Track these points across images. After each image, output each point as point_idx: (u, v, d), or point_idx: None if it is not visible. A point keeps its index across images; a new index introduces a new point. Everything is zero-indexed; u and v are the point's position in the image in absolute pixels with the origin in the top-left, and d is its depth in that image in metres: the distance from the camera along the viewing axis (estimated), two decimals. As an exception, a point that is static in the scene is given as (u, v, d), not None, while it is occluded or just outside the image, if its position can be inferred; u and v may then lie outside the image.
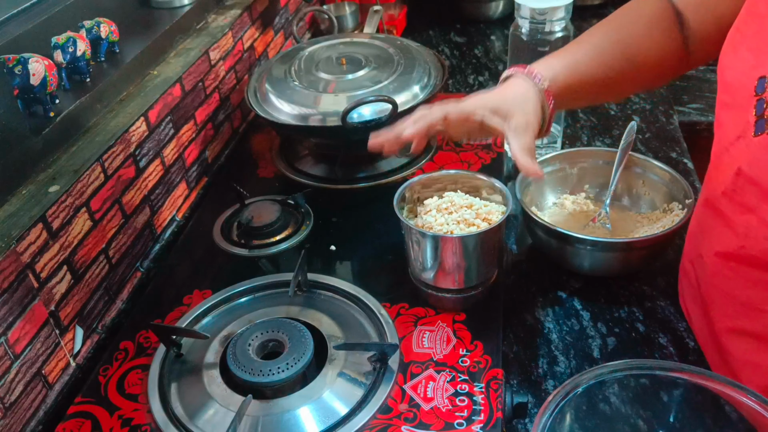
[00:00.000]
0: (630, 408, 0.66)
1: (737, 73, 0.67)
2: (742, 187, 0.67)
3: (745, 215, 0.67)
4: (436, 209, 0.81)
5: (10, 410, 0.69)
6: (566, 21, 1.07)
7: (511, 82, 0.79)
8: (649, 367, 0.65)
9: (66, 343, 0.78)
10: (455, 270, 0.78)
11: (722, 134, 0.70)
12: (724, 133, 0.70)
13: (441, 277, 0.79)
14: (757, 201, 0.65)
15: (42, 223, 0.73)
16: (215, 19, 1.20)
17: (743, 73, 0.66)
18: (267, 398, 0.70)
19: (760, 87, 0.63)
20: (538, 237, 0.93)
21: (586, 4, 1.78)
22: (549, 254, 0.94)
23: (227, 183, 1.03)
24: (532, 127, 0.75)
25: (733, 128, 0.67)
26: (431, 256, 0.78)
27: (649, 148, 1.21)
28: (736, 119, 0.66)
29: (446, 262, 0.78)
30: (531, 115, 0.75)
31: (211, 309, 0.83)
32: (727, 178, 0.69)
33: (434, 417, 0.69)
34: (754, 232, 0.66)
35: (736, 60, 0.68)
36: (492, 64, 1.56)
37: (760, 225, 0.65)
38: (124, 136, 0.88)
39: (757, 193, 0.64)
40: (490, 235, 0.77)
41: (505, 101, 0.76)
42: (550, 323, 0.87)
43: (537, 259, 0.97)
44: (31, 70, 0.79)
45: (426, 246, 0.77)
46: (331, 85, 0.99)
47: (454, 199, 0.82)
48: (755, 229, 0.66)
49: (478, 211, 0.80)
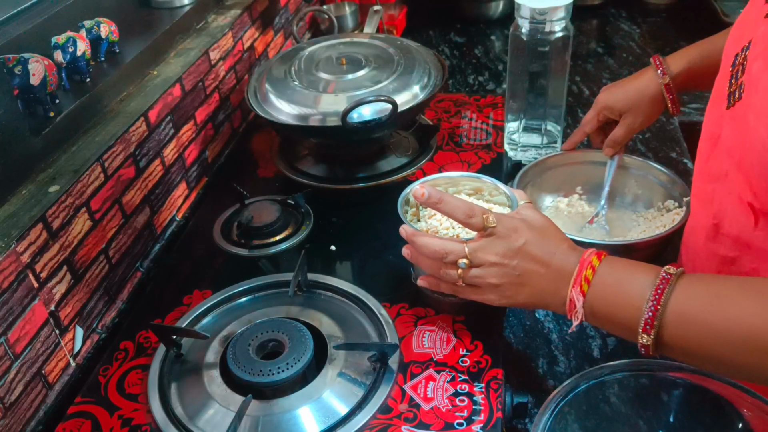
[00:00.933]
0: (630, 408, 0.67)
1: (727, 49, 0.70)
2: (716, 157, 0.69)
3: (714, 184, 0.69)
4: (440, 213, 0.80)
5: (10, 410, 0.69)
6: (566, 21, 1.07)
7: (640, 73, 0.98)
8: (649, 367, 0.65)
9: (66, 343, 0.78)
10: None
11: (712, 106, 0.73)
12: (714, 105, 0.72)
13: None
14: (726, 171, 0.67)
15: (42, 223, 0.73)
16: (215, 19, 1.20)
17: (729, 48, 0.69)
18: (267, 398, 0.70)
19: (734, 62, 0.66)
20: None
21: (586, 4, 1.78)
22: None
23: (227, 183, 1.03)
24: (635, 126, 0.98)
25: (717, 102, 0.70)
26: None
27: (648, 148, 1.21)
28: (719, 93, 0.69)
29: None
30: (640, 117, 0.97)
31: (211, 309, 0.83)
32: (706, 149, 0.72)
33: (434, 417, 0.69)
34: (722, 204, 0.68)
35: (730, 37, 0.71)
36: (492, 64, 1.56)
37: (728, 195, 0.67)
38: (124, 136, 0.88)
39: (730, 162, 0.66)
40: None
41: (619, 101, 0.98)
42: (550, 323, 0.87)
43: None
44: (31, 70, 0.79)
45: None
46: (331, 85, 0.99)
47: None
48: (723, 200, 0.68)
49: None
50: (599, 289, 0.63)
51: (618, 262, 0.65)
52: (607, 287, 0.63)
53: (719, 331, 0.57)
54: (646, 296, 0.60)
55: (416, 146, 1.09)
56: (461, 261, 0.68)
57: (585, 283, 0.64)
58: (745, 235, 0.66)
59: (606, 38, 1.66)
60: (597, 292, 0.63)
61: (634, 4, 1.81)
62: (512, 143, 1.20)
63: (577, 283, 0.64)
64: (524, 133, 1.19)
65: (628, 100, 0.97)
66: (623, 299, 0.62)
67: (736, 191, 0.65)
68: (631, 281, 0.62)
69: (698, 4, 1.70)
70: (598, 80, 1.46)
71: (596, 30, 1.71)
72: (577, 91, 1.42)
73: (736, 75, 0.65)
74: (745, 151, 0.62)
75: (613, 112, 0.99)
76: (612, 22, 1.74)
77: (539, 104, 1.15)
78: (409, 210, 0.83)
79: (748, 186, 0.62)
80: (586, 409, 0.65)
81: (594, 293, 0.63)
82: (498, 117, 1.20)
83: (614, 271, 0.64)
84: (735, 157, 0.65)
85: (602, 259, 0.65)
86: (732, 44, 0.69)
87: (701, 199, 0.74)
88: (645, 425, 0.67)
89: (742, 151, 0.63)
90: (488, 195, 0.84)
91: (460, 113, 1.22)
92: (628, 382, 0.65)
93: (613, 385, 0.65)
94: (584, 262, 0.65)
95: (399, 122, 1.02)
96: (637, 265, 0.64)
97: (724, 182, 0.68)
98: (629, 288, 0.62)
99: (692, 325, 0.59)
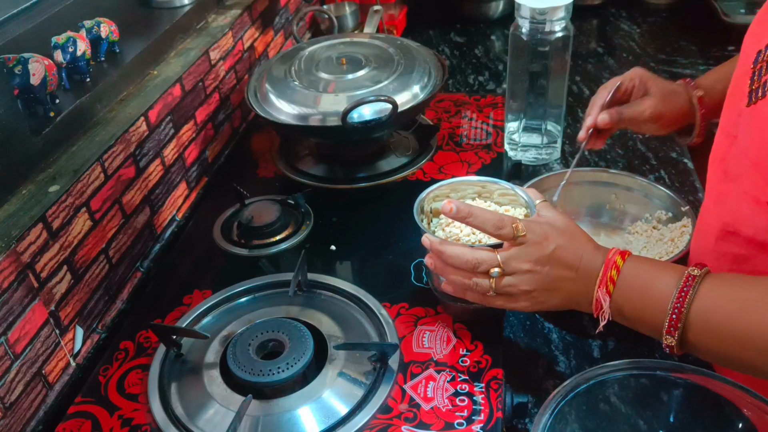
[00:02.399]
0: (630, 408, 0.66)
1: (746, 45, 0.69)
2: (733, 156, 0.68)
3: (729, 183, 0.68)
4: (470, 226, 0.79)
5: (10, 410, 0.69)
6: (566, 21, 1.07)
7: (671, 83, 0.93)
8: (649, 367, 0.65)
9: (66, 343, 0.78)
10: None
11: (730, 104, 0.72)
12: (733, 102, 0.71)
13: None
14: (742, 170, 0.66)
15: (42, 223, 0.73)
16: (215, 19, 1.20)
17: (749, 45, 0.68)
18: (267, 398, 0.70)
19: (757, 59, 0.65)
20: None
21: (586, 4, 1.78)
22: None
23: (227, 183, 1.03)
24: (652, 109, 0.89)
25: (737, 98, 0.68)
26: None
27: (648, 147, 1.21)
28: (737, 90, 0.68)
29: None
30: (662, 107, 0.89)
31: (211, 309, 0.83)
32: (722, 148, 0.71)
33: (434, 417, 0.69)
34: (737, 204, 0.67)
35: (749, 33, 0.70)
36: (492, 64, 1.56)
37: (743, 194, 0.66)
38: (124, 136, 0.88)
39: (746, 163, 0.65)
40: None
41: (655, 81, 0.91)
42: (550, 323, 0.87)
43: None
44: (31, 70, 0.79)
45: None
46: (331, 85, 0.99)
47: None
48: (738, 200, 0.67)
49: None
50: (625, 290, 0.64)
51: (642, 261, 0.65)
52: (632, 288, 0.64)
53: (744, 337, 0.58)
54: (670, 297, 0.60)
55: (416, 146, 1.09)
56: (494, 270, 0.67)
57: (610, 284, 0.64)
58: (761, 236, 0.65)
59: (606, 38, 1.66)
60: (622, 293, 0.64)
61: (634, 4, 1.81)
62: (512, 143, 1.20)
63: (602, 283, 0.65)
64: (524, 133, 1.19)
65: (663, 86, 0.91)
66: (648, 300, 0.62)
67: (752, 191, 0.64)
68: (656, 282, 0.62)
69: (698, 4, 1.69)
70: (598, 80, 1.46)
71: (596, 30, 1.71)
72: (577, 91, 1.42)
73: (759, 72, 0.64)
74: (765, 150, 0.61)
75: (644, 85, 0.91)
76: (612, 22, 1.74)
77: (539, 104, 1.15)
78: (423, 219, 0.80)
79: (767, 186, 0.62)
80: (586, 409, 0.65)
81: (619, 293, 0.64)
82: (498, 117, 1.20)
83: (639, 272, 0.64)
84: (752, 157, 0.64)
85: (626, 258, 0.65)
86: (753, 40, 0.68)
87: (715, 198, 0.73)
88: (645, 425, 0.67)
89: (761, 149, 0.62)
90: (497, 196, 0.82)
91: (460, 113, 1.22)
92: (628, 382, 0.65)
93: (613, 385, 0.65)
94: (609, 262, 0.65)
95: (399, 122, 1.02)
96: (661, 265, 0.65)
97: (740, 182, 0.67)
98: (654, 289, 0.62)
99: (717, 329, 0.59)
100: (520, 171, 1.11)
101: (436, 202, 0.82)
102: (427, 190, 0.81)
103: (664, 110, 0.90)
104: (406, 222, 0.77)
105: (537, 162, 1.18)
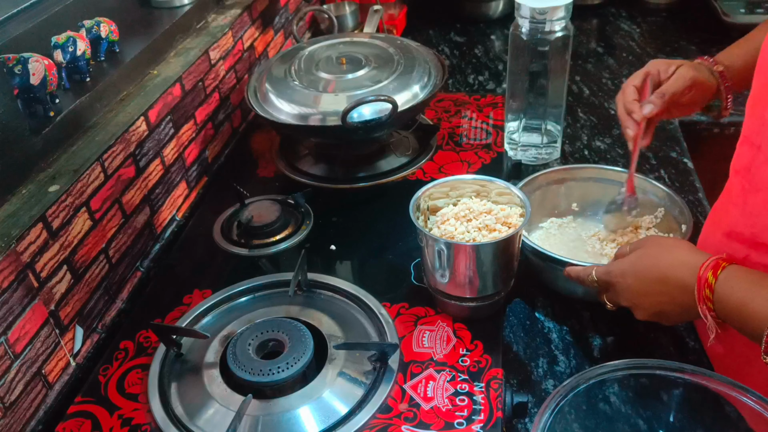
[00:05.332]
0: (630, 408, 0.67)
1: (767, 45, 0.68)
2: (759, 167, 0.68)
3: (756, 194, 0.68)
4: (453, 218, 0.80)
5: (10, 410, 0.69)
6: (566, 21, 1.07)
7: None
8: (649, 367, 0.65)
9: (66, 342, 0.78)
10: (486, 276, 0.77)
11: (753, 113, 0.71)
12: (756, 111, 0.70)
13: (467, 285, 0.77)
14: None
15: (42, 223, 0.73)
16: (215, 18, 1.20)
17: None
18: (267, 398, 0.70)
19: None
20: (531, 261, 0.91)
21: (586, 4, 1.78)
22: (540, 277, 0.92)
23: (227, 182, 1.03)
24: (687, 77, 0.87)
25: (760, 107, 0.68)
26: (466, 266, 0.76)
27: (649, 147, 1.21)
28: (762, 99, 0.67)
29: (476, 270, 0.76)
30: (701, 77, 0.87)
31: (211, 309, 0.83)
32: (746, 158, 0.70)
33: (434, 416, 0.69)
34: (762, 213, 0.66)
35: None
36: (492, 64, 1.56)
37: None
38: (124, 136, 0.88)
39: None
40: (515, 238, 0.76)
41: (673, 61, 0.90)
42: (550, 323, 0.87)
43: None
44: (31, 69, 0.79)
45: (451, 256, 0.75)
46: (331, 84, 0.99)
47: (471, 206, 0.81)
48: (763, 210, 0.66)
49: (497, 216, 0.79)
50: (722, 307, 0.64)
51: (737, 276, 0.64)
52: (727, 306, 0.63)
53: None
54: (766, 317, 0.60)
55: (416, 146, 1.09)
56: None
57: (708, 302, 0.64)
58: None
59: (606, 38, 1.66)
60: (721, 310, 0.64)
61: (634, 3, 1.81)
62: (512, 143, 1.20)
63: (701, 301, 0.65)
64: (524, 133, 1.19)
65: (684, 61, 0.90)
66: (746, 318, 0.62)
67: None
68: (751, 301, 0.62)
69: (698, 4, 1.70)
70: (598, 80, 1.46)
71: (596, 30, 1.71)
72: (577, 91, 1.42)
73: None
74: None
75: (666, 67, 0.89)
76: (612, 22, 1.74)
77: (539, 104, 1.15)
78: (420, 217, 0.81)
79: None
80: (586, 409, 0.65)
81: (718, 310, 0.64)
82: (498, 117, 1.20)
83: (733, 291, 0.63)
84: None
85: (718, 275, 0.64)
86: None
87: (741, 208, 0.72)
88: (645, 425, 0.67)
89: None
90: (495, 195, 0.83)
91: (460, 113, 1.22)
92: (628, 382, 0.65)
93: (613, 385, 0.66)
94: (701, 280, 0.65)
95: (399, 122, 1.02)
96: (757, 280, 0.63)
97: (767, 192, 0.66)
98: (749, 308, 0.62)
99: None
100: (520, 171, 1.11)
101: (432, 200, 0.83)
102: (424, 188, 0.81)
103: (698, 76, 0.88)
104: (406, 222, 0.78)
105: (537, 161, 1.18)
